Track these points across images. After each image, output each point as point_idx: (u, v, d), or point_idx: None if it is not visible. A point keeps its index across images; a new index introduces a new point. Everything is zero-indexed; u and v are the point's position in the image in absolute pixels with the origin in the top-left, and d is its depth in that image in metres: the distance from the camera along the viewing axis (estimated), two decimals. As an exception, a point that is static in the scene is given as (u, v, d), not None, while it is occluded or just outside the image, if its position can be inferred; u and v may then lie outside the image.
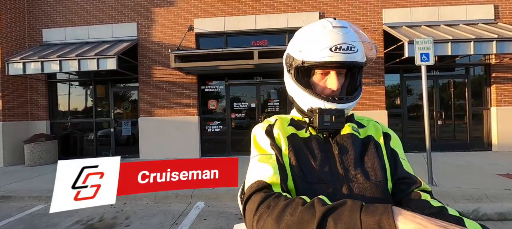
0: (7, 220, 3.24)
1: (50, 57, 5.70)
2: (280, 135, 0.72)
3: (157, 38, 6.73)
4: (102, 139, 7.05)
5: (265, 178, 0.62)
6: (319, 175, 0.64)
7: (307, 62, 0.68)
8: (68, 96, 7.28)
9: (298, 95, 0.74)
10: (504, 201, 3.12)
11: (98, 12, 6.85)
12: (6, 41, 6.39)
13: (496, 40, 5.06)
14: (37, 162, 6.12)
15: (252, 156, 0.73)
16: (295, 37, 0.76)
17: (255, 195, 0.60)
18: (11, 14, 6.54)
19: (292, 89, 0.77)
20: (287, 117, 0.81)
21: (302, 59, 0.69)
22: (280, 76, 6.70)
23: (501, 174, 4.14)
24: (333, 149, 0.68)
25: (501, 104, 6.21)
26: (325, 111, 0.68)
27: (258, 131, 0.76)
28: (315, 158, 0.67)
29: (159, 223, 3.04)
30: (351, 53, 0.65)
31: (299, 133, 0.73)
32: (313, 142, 0.70)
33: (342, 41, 0.64)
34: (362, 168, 0.66)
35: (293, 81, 0.73)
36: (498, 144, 6.15)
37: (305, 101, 0.72)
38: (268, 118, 0.81)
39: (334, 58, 0.64)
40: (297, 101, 0.76)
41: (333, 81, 0.69)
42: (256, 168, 0.67)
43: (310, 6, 6.51)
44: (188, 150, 6.55)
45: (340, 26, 0.66)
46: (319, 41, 0.66)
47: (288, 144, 0.70)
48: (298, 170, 0.65)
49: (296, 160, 0.67)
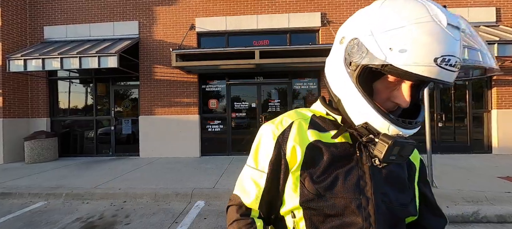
0: (7, 217, 3.24)
1: (51, 54, 5.70)
2: (296, 149, 0.60)
3: (158, 37, 6.73)
4: (102, 137, 7.05)
5: (246, 200, 0.63)
6: (342, 189, 0.56)
7: (395, 69, 0.45)
8: (68, 94, 7.28)
9: (353, 102, 0.54)
10: (504, 204, 3.12)
11: (99, 10, 6.84)
12: (8, 38, 6.39)
13: (497, 42, 5.06)
14: (37, 160, 6.12)
15: (248, 162, 0.67)
16: (377, 15, 0.49)
17: (233, 210, 0.64)
18: (13, 11, 6.54)
19: (344, 88, 0.55)
20: (307, 115, 0.66)
21: (387, 61, 0.46)
22: (281, 76, 6.70)
23: (501, 177, 4.14)
24: (364, 159, 0.57)
25: (502, 107, 6.21)
26: (398, 143, 0.51)
27: (267, 136, 0.64)
28: (339, 170, 0.57)
29: (159, 221, 3.04)
30: (455, 71, 0.45)
31: (323, 137, 0.60)
32: (340, 149, 0.59)
33: (453, 52, 0.44)
34: (391, 188, 0.58)
35: (353, 82, 0.52)
36: (498, 147, 6.15)
37: (361, 113, 0.53)
38: (284, 118, 0.66)
39: (437, 75, 0.44)
40: (348, 107, 0.55)
41: (406, 97, 0.52)
42: (245, 181, 0.65)
43: (312, 7, 6.51)
44: (188, 149, 6.56)
45: (457, 26, 0.46)
46: (425, 43, 0.43)
47: (305, 158, 0.59)
48: (310, 187, 0.56)
49: (309, 178, 0.57)
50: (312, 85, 6.69)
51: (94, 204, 3.63)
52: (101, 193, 3.86)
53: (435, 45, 0.43)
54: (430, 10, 0.45)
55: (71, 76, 7.28)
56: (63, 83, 7.27)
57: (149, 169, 5.25)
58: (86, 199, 3.79)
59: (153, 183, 4.22)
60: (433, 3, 0.47)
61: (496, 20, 6.28)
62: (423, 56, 0.43)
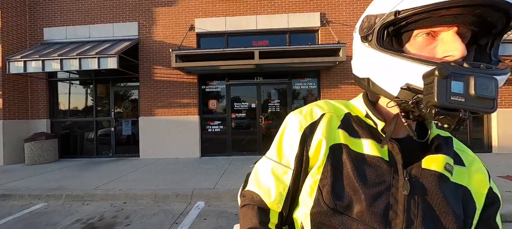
0: (7, 219, 3.24)
1: (51, 56, 5.70)
2: (321, 144, 0.50)
3: (158, 38, 6.73)
4: (102, 138, 7.06)
5: (266, 199, 0.53)
6: (363, 214, 0.44)
7: (405, 11, 0.39)
8: (68, 95, 7.29)
9: (384, 69, 0.44)
10: (505, 203, 3.12)
11: (99, 11, 6.85)
12: (7, 40, 6.39)
13: (497, 41, 5.07)
14: (37, 161, 6.12)
15: (268, 154, 0.57)
16: None
17: (250, 213, 0.54)
18: (12, 12, 6.55)
19: (369, 63, 0.48)
20: (341, 110, 0.55)
21: (396, 9, 0.40)
22: (280, 76, 6.70)
23: (501, 176, 4.14)
24: (401, 185, 0.45)
25: (502, 106, 6.21)
26: (455, 73, 0.35)
27: (293, 127, 0.55)
28: (364, 189, 0.45)
29: (159, 222, 3.04)
30: None
31: (353, 144, 0.49)
32: (371, 164, 0.47)
33: None
34: (433, 227, 0.43)
35: (375, 49, 0.45)
36: (498, 146, 6.15)
37: (397, 77, 0.42)
38: (313, 107, 0.56)
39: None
40: (380, 80, 0.46)
41: (453, 44, 0.39)
42: (263, 175, 0.55)
43: (311, 7, 6.52)
44: (188, 149, 6.56)
45: None
46: None
47: (327, 159, 0.49)
48: (329, 199, 0.47)
49: (330, 186, 0.47)
50: (312, 85, 6.69)
51: (94, 205, 3.63)
52: (101, 194, 3.86)
53: None
54: None
55: (71, 78, 7.28)
56: (63, 84, 7.27)
57: (149, 170, 5.25)
58: (86, 200, 3.79)
59: (153, 184, 4.22)
60: None
61: (495, 19, 6.28)
62: None
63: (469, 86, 0.34)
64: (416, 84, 0.40)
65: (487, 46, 0.43)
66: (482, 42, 0.43)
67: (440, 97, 0.35)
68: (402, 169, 0.45)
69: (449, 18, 0.38)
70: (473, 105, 0.34)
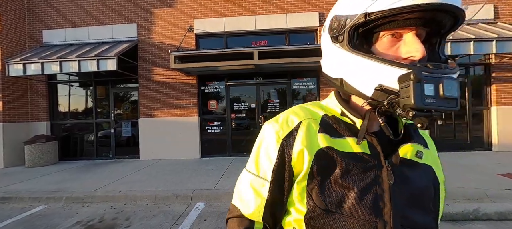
0: (7, 221, 3.24)
1: (50, 58, 5.70)
2: (303, 153, 0.51)
3: (157, 39, 6.74)
4: (102, 140, 7.06)
5: (246, 212, 0.56)
6: (355, 209, 0.47)
7: (374, 13, 0.42)
8: (68, 97, 7.29)
9: (357, 70, 0.47)
10: (504, 201, 3.12)
11: (98, 13, 6.86)
12: (6, 42, 6.40)
13: (496, 39, 5.06)
14: (37, 163, 6.12)
15: (248, 166, 0.58)
16: None
17: (233, 224, 0.58)
18: (11, 15, 6.55)
19: (341, 63, 0.50)
20: (317, 114, 0.56)
21: (366, 11, 0.43)
22: (280, 76, 6.71)
23: (501, 174, 4.13)
24: (385, 176, 0.48)
25: (501, 104, 6.21)
26: (427, 77, 0.39)
27: (270, 138, 0.55)
28: (353, 185, 0.47)
29: (159, 223, 3.04)
30: None
31: (336, 144, 0.51)
32: (356, 161, 0.49)
33: None
34: (417, 210, 0.48)
35: (347, 50, 0.47)
36: (498, 144, 6.15)
37: (370, 78, 0.45)
38: (289, 116, 0.57)
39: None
40: (353, 80, 0.49)
41: (414, 45, 0.43)
42: (243, 189, 0.57)
43: (310, 7, 6.52)
44: (188, 150, 6.56)
45: None
46: None
47: (312, 166, 0.50)
48: (319, 201, 0.48)
49: (319, 188, 0.49)
50: (311, 85, 6.69)
51: (94, 207, 3.63)
52: (101, 196, 3.86)
53: None
54: None
55: (71, 80, 7.29)
56: (63, 86, 7.28)
57: (149, 171, 5.25)
58: (86, 202, 3.79)
59: (153, 185, 4.22)
60: None
61: (494, 17, 6.28)
62: None
63: (439, 88, 0.39)
64: (389, 85, 0.43)
65: (436, 44, 0.49)
66: (433, 41, 0.49)
67: (417, 100, 0.38)
68: (384, 161, 0.49)
69: (411, 21, 0.43)
70: (443, 105, 0.39)
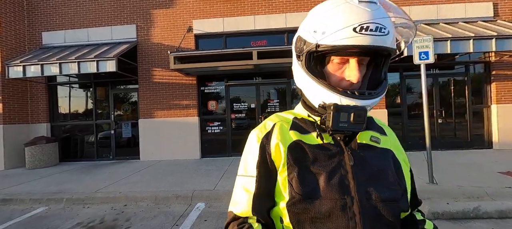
0: (8, 223, 3.25)
1: (50, 60, 5.71)
2: (279, 147, 0.61)
3: (156, 40, 6.74)
4: (102, 141, 7.07)
5: (238, 211, 0.61)
6: (326, 190, 0.55)
7: (322, 46, 0.55)
8: (68, 99, 7.30)
9: (308, 87, 0.61)
10: (504, 199, 3.11)
11: (97, 14, 6.86)
12: (6, 45, 6.41)
13: (495, 37, 5.05)
14: (37, 165, 6.13)
15: (239, 171, 0.66)
16: (310, 15, 0.61)
17: (231, 227, 0.62)
18: (11, 17, 6.56)
19: (301, 79, 0.63)
20: (288, 118, 0.68)
21: (317, 42, 0.55)
22: (279, 76, 6.71)
23: (501, 172, 4.13)
24: (347, 159, 0.58)
25: (501, 102, 6.20)
26: (342, 108, 0.55)
27: (252, 140, 0.66)
28: (322, 170, 0.57)
29: (159, 224, 3.04)
30: (380, 35, 0.51)
31: (305, 139, 0.62)
32: (322, 150, 0.59)
33: (371, 19, 0.51)
34: (378, 185, 0.57)
35: (303, 70, 0.60)
36: (498, 142, 6.14)
37: (316, 95, 0.60)
38: (266, 121, 0.69)
39: (358, 41, 0.51)
40: (307, 94, 0.64)
41: (353, 72, 0.56)
42: (236, 191, 0.64)
43: (309, 6, 6.51)
44: (188, 151, 6.56)
45: (368, 1, 0.53)
46: (339, 18, 0.52)
47: (287, 156, 0.59)
48: (298, 188, 0.56)
49: (296, 176, 0.57)
50: (311, 84, 6.69)
51: (95, 209, 3.63)
52: (102, 197, 3.87)
53: (351, 18, 0.51)
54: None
55: (71, 81, 7.30)
56: (63, 88, 7.29)
57: (150, 172, 5.25)
58: (87, 204, 3.80)
59: (153, 186, 4.23)
60: None
61: (493, 15, 6.27)
62: (343, 29, 0.52)
63: (350, 116, 0.55)
64: (327, 102, 0.58)
65: (381, 64, 0.62)
66: (378, 61, 0.62)
67: (333, 125, 0.55)
68: (345, 147, 0.60)
69: (352, 52, 0.56)
70: (352, 128, 0.56)
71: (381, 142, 0.64)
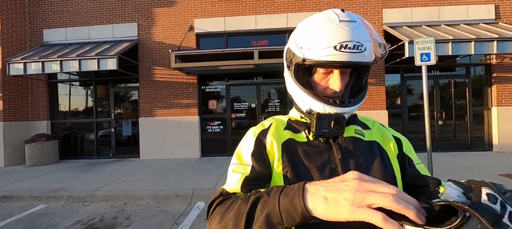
0: (7, 220, 3.25)
1: (50, 57, 5.71)
2: (273, 143, 0.66)
3: (157, 38, 6.73)
4: (102, 139, 7.06)
5: (227, 187, 0.61)
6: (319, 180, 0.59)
7: (308, 60, 0.62)
8: (68, 96, 7.30)
9: (297, 95, 0.69)
10: (505, 201, 3.11)
11: (98, 12, 6.86)
12: (7, 42, 6.40)
13: (497, 40, 5.05)
14: (37, 162, 6.13)
15: (231, 162, 0.69)
16: (297, 30, 0.69)
17: (215, 202, 0.62)
18: (12, 14, 6.56)
19: (291, 87, 0.71)
20: (283, 120, 0.75)
21: (303, 57, 0.63)
22: (280, 76, 6.69)
23: (502, 174, 4.13)
24: (335, 153, 0.63)
25: (502, 104, 6.20)
26: (324, 117, 0.62)
27: (248, 136, 0.72)
28: (314, 165, 0.62)
29: (159, 223, 3.04)
30: (358, 52, 0.59)
31: (297, 137, 0.68)
32: (313, 147, 0.65)
33: (349, 38, 0.58)
34: (366, 173, 0.59)
35: (293, 79, 0.68)
36: (499, 144, 6.14)
37: (304, 102, 0.67)
38: (264, 121, 0.76)
39: (339, 58, 0.58)
40: (296, 101, 0.71)
41: (336, 82, 0.64)
42: (229, 176, 0.65)
43: (310, 6, 6.51)
44: (188, 150, 6.56)
45: (348, 20, 0.59)
46: (322, 37, 0.59)
47: (282, 152, 0.64)
48: (294, 180, 0.60)
49: (291, 169, 0.62)
50: (312, 85, 6.69)
51: (94, 207, 3.63)
52: (102, 195, 3.87)
53: (332, 38, 0.58)
54: (327, 15, 0.61)
55: (71, 79, 7.29)
56: (63, 85, 7.28)
57: (150, 171, 5.25)
58: (87, 202, 3.80)
59: (153, 185, 4.23)
60: (333, 10, 0.62)
61: (495, 17, 6.27)
62: (325, 47, 0.59)
63: (331, 123, 0.62)
64: (313, 109, 0.65)
65: (362, 72, 0.69)
66: (360, 70, 0.69)
67: (316, 130, 0.63)
68: (333, 142, 0.65)
69: (335, 66, 0.62)
70: (332, 133, 0.63)
71: (366, 136, 0.69)
